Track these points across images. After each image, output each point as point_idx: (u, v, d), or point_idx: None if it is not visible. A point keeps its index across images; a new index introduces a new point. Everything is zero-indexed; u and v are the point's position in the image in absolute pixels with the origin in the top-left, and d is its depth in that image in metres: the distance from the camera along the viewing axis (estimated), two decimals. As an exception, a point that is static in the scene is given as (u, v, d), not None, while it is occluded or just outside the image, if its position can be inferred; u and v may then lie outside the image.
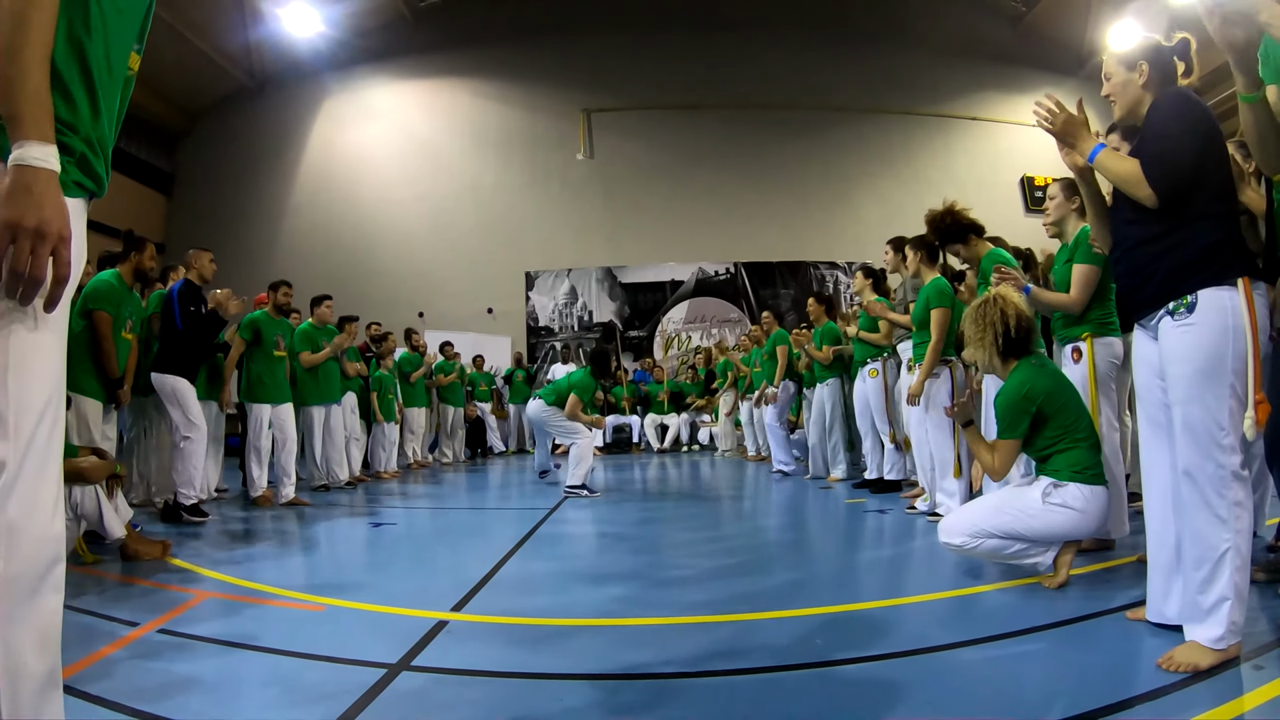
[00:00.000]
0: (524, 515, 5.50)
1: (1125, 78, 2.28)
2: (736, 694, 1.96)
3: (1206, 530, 2.00)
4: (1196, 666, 1.93)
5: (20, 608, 1.09)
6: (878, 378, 5.94)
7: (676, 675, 2.10)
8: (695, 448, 12.66)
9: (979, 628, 2.45)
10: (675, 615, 2.70)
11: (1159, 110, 2.17)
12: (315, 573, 3.74)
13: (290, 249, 14.96)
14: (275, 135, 15.61)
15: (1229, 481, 1.98)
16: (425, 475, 8.83)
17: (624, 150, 14.75)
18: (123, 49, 1.32)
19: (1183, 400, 2.05)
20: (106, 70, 1.26)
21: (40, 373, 1.15)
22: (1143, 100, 2.25)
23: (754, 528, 5.10)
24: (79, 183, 1.23)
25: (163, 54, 12.75)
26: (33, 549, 1.11)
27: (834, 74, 14.81)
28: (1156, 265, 2.12)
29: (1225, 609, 1.96)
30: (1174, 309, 2.08)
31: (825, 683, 2.01)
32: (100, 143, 1.27)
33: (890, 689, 1.96)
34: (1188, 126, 2.10)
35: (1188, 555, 2.07)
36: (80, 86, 1.21)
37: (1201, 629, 1.99)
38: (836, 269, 14.30)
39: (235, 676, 2.13)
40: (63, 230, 1.10)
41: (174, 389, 5.08)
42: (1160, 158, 2.08)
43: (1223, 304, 2.01)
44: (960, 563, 3.40)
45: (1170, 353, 2.10)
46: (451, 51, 15.15)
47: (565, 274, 14.55)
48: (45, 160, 1.08)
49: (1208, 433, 2.00)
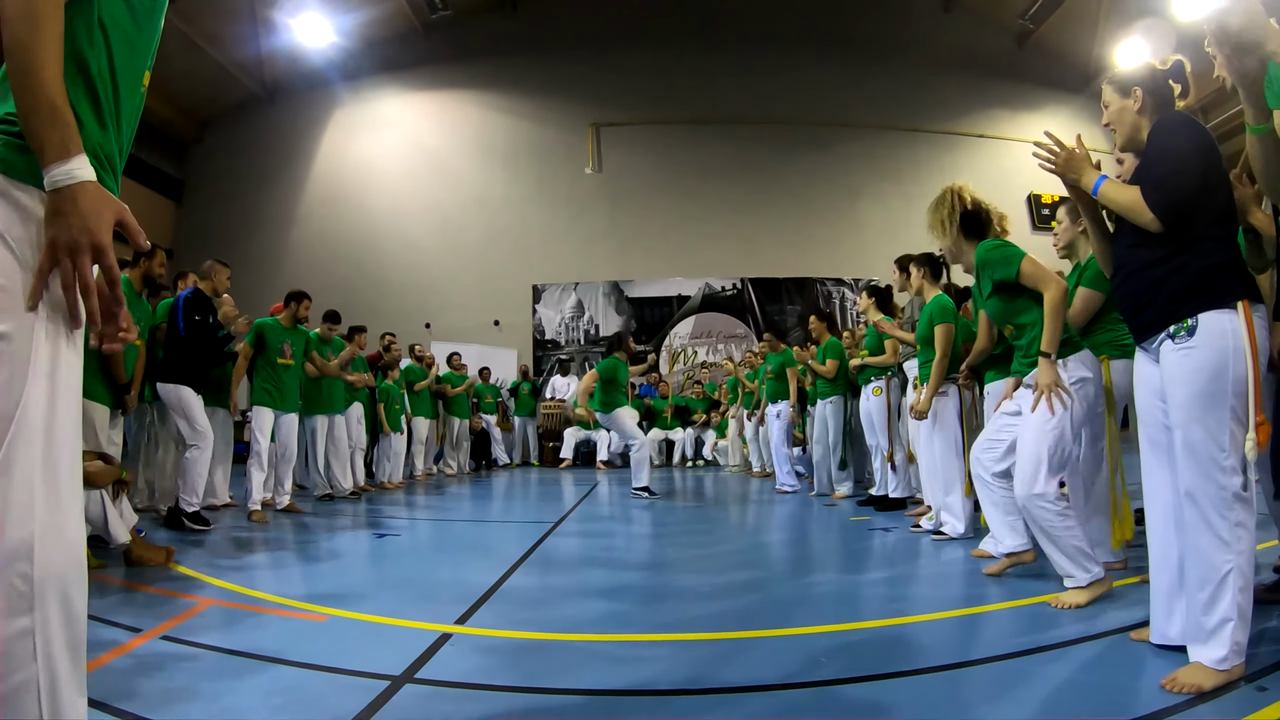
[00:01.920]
0: (528, 529, 5.49)
1: (1121, 105, 2.31)
2: (739, 711, 1.95)
3: (1209, 551, 2.00)
4: (1200, 687, 1.91)
5: (56, 612, 1.13)
6: (881, 395, 5.94)
7: (679, 692, 2.09)
8: (700, 463, 12.64)
9: (982, 648, 2.44)
10: (678, 632, 2.69)
11: (1158, 135, 2.19)
12: (318, 582, 3.73)
13: (298, 258, 15.02)
14: (285, 144, 15.72)
15: (1231, 503, 1.99)
16: (429, 486, 8.83)
17: (631, 164, 14.82)
18: (132, 64, 1.34)
19: (1184, 422, 2.06)
20: (111, 85, 1.28)
21: (74, 385, 1.21)
22: (1141, 126, 2.28)
23: (758, 544, 5.08)
24: None
25: (175, 62, 12.88)
26: (63, 554, 1.14)
27: (841, 90, 14.88)
28: (1159, 289, 2.13)
29: (1228, 630, 1.95)
30: (1174, 332, 2.10)
31: (829, 701, 2.00)
32: (108, 157, 1.29)
33: (893, 709, 1.95)
34: (1187, 150, 2.11)
35: (1190, 576, 2.06)
36: (85, 102, 1.24)
37: (1205, 650, 1.98)
38: (843, 285, 14.31)
39: (238, 685, 2.12)
40: (96, 239, 1.13)
41: (179, 398, 5.10)
42: (1161, 183, 2.10)
43: (1223, 327, 2.03)
44: (965, 582, 3.38)
45: (1171, 375, 2.11)
46: (461, 63, 15.27)
47: (572, 287, 14.58)
48: (70, 176, 1.11)
49: (1209, 454, 2.00)
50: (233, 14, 13.54)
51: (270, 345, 6.09)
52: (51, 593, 1.11)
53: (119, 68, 1.30)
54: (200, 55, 13.48)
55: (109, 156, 1.30)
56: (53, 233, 1.12)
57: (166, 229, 15.40)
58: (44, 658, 1.10)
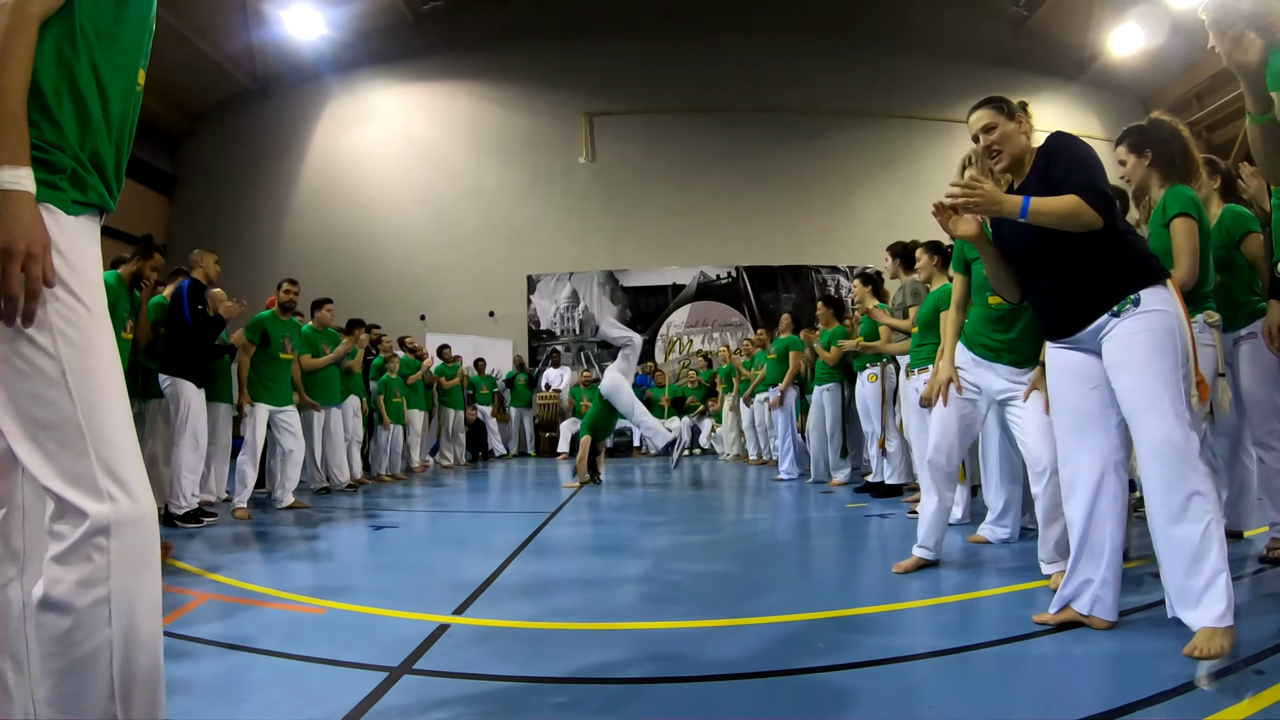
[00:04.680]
0: (525, 519, 5.50)
1: (1006, 128, 2.46)
2: (738, 698, 1.96)
3: (1189, 506, 2.06)
4: (1224, 650, 1.97)
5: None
6: (876, 382, 5.95)
7: (677, 679, 2.10)
8: (697, 452, 12.66)
9: (979, 632, 2.45)
10: (676, 619, 2.70)
11: (1056, 148, 2.36)
12: (316, 575, 3.73)
13: (292, 251, 14.95)
14: (277, 137, 15.62)
15: (1199, 453, 2.11)
16: (426, 478, 8.83)
17: (625, 154, 14.76)
18: (120, 65, 1.36)
19: (1143, 382, 2.16)
20: (97, 89, 1.31)
21: (83, 372, 1.25)
22: (1024, 146, 2.48)
23: (755, 532, 5.09)
24: (77, 201, 1.29)
25: (165, 56, 12.69)
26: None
27: (836, 77, 14.81)
28: (1098, 280, 2.27)
29: (1221, 582, 2.01)
30: (1120, 309, 2.22)
31: (825, 687, 2.01)
32: (96, 159, 1.32)
33: (891, 693, 1.96)
34: (1090, 153, 2.30)
35: (1168, 540, 2.11)
36: (69, 105, 1.26)
37: (1201, 610, 2.03)
38: (838, 273, 14.30)
39: (235, 679, 2.13)
40: (31, 247, 1.15)
41: (180, 393, 5.07)
42: (1092, 184, 2.22)
43: (1164, 298, 2.21)
44: (962, 567, 3.39)
45: (1125, 343, 2.21)
46: (454, 54, 15.16)
47: (567, 277, 14.55)
48: (15, 182, 1.14)
49: (1174, 405, 2.12)
50: (223, 7, 13.39)
51: (273, 339, 6.02)
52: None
53: (104, 70, 1.32)
54: (190, 49, 13.34)
55: (96, 158, 1.32)
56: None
57: (160, 224, 15.29)
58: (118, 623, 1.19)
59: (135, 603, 1.21)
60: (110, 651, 1.18)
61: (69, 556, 1.17)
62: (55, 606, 1.16)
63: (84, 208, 1.31)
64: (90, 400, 1.22)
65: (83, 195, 1.30)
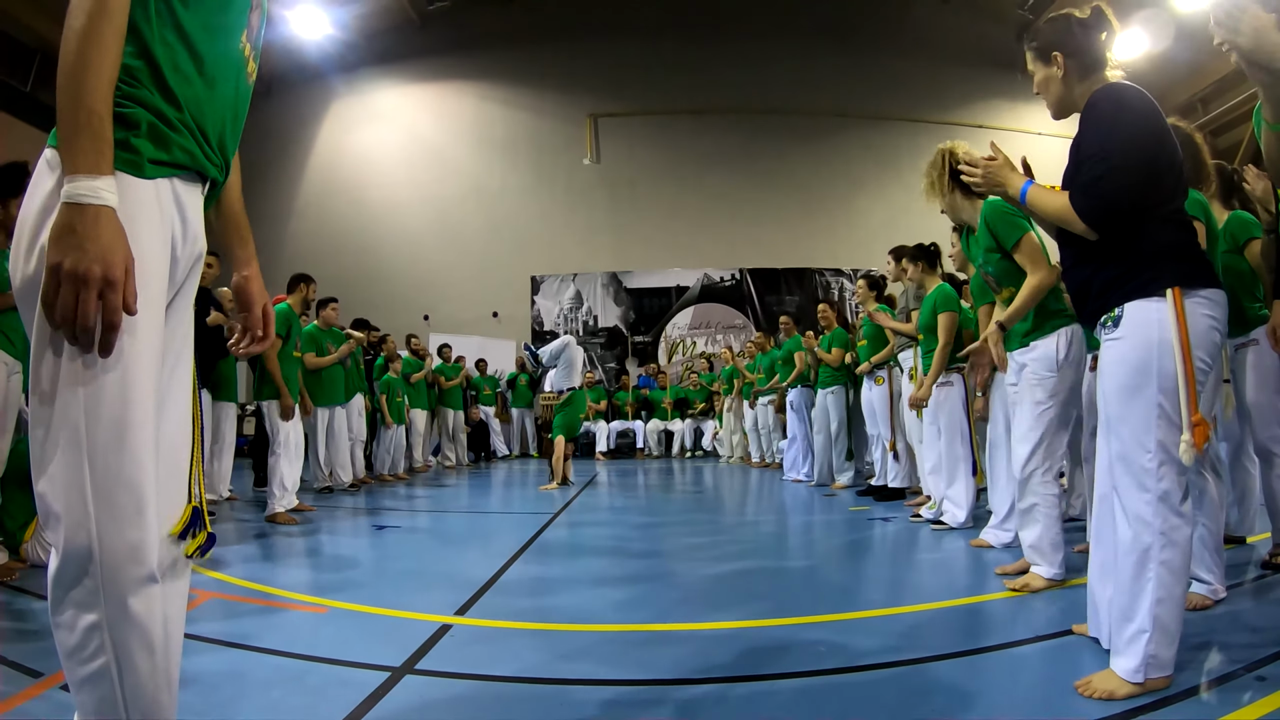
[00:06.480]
0: (528, 520, 5.50)
1: (1045, 74, 2.12)
2: (739, 700, 1.96)
3: (1130, 556, 1.87)
4: (1112, 695, 1.83)
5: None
6: (884, 385, 5.94)
7: (679, 681, 2.10)
8: (699, 454, 12.66)
9: (983, 635, 2.45)
10: (678, 621, 2.69)
11: (1095, 125, 1.97)
12: (318, 574, 3.74)
13: (296, 251, 14.95)
14: (283, 137, 15.63)
15: (1155, 508, 1.83)
16: (428, 478, 8.83)
17: (630, 155, 14.78)
18: (210, 25, 1.25)
19: (1111, 420, 1.95)
20: (185, 46, 1.20)
21: (112, 398, 1.13)
22: (1072, 93, 2.09)
23: (757, 534, 5.09)
24: (155, 160, 1.16)
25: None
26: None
27: (840, 80, 14.81)
28: (1092, 280, 2.01)
29: (1141, 642, 1.83)
30: (1104, 322, 1.97)
31: (825, 690, 2.00)
32: (180, 119, 1.20)
33: (891, 695, 1.96)
34: (1129, 140, 1.90)
35: (1113, 577, 1.95)
36: (144, 63, 1.15)
37: (1119, 659, 1.89)
38: (842, 275, 14.29)
39: (238, 677, 2.13)
40: (110, 272, 1.03)
41: None
42: (1092, 188, 1.93)
43: (1148, 317, 1.87)
44: (965, 571, 3.39)
45: (1101, 368, 2.00)
46: (459, 55, 15.18)
47: (570, 278, 14.56)
48: (94, 194, 1.03)
49: (1133, 456, 1.88)
50: (228, 6, 13.44)
51: (294, 335, 5.93)
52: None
53: (192, 29, 1.21)
54: (196, 47, 13.40)
55: (180, 117, 1.20)
56: (59, 256, 1.01)
57: (164, 222, 15.32)
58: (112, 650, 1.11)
59: (128, 633, 1.12)
60: (113, 674, 1.11)
61: (58, 576, 1.10)
62: (61, 626, 1.11)
63: (164, 170, 1.17)
64: (99, 414, 1.10)
65: (163, 153, 1.16)
